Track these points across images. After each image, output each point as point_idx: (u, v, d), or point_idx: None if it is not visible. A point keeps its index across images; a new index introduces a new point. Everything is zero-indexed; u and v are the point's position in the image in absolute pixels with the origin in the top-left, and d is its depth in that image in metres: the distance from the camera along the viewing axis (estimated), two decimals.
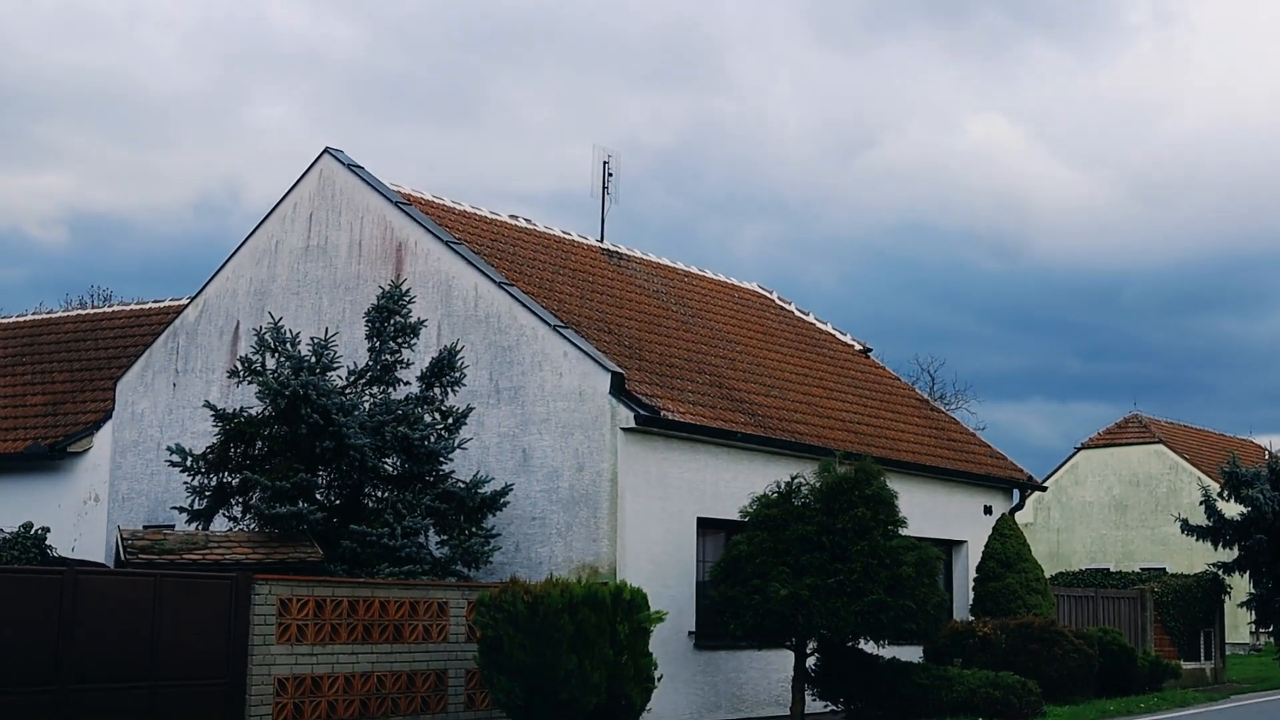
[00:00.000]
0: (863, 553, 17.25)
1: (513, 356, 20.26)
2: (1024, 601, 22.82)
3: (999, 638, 20.94)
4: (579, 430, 19.44)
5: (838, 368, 27.08)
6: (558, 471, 19.54)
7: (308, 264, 22.29)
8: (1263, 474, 32.12)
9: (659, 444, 19.67)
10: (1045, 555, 54.25)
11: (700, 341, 23.86)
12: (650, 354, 21.73)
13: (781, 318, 28.38)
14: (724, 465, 20.56)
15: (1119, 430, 54.78)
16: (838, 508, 17.67)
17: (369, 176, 22.12)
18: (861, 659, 18.88)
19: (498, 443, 20.16)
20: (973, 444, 27.42)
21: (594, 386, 19.40)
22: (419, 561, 16.96)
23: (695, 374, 22.03)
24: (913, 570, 17.33)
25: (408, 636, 16.20)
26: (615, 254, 26.13)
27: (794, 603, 17.06)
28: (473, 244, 21.94)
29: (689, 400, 20.64)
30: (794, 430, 22.00)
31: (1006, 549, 23.37)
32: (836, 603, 17.03)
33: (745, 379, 23.23)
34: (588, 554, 19.12)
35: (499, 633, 14.60)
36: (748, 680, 20.52)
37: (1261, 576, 32.34)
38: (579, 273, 23.81)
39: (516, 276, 21.48)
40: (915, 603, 17.25)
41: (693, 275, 27.66)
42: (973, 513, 25.73)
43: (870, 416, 25.25)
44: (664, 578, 19.42)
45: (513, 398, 20.14)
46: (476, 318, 20.66)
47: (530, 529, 19.66)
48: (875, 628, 17.19)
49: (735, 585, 17.77)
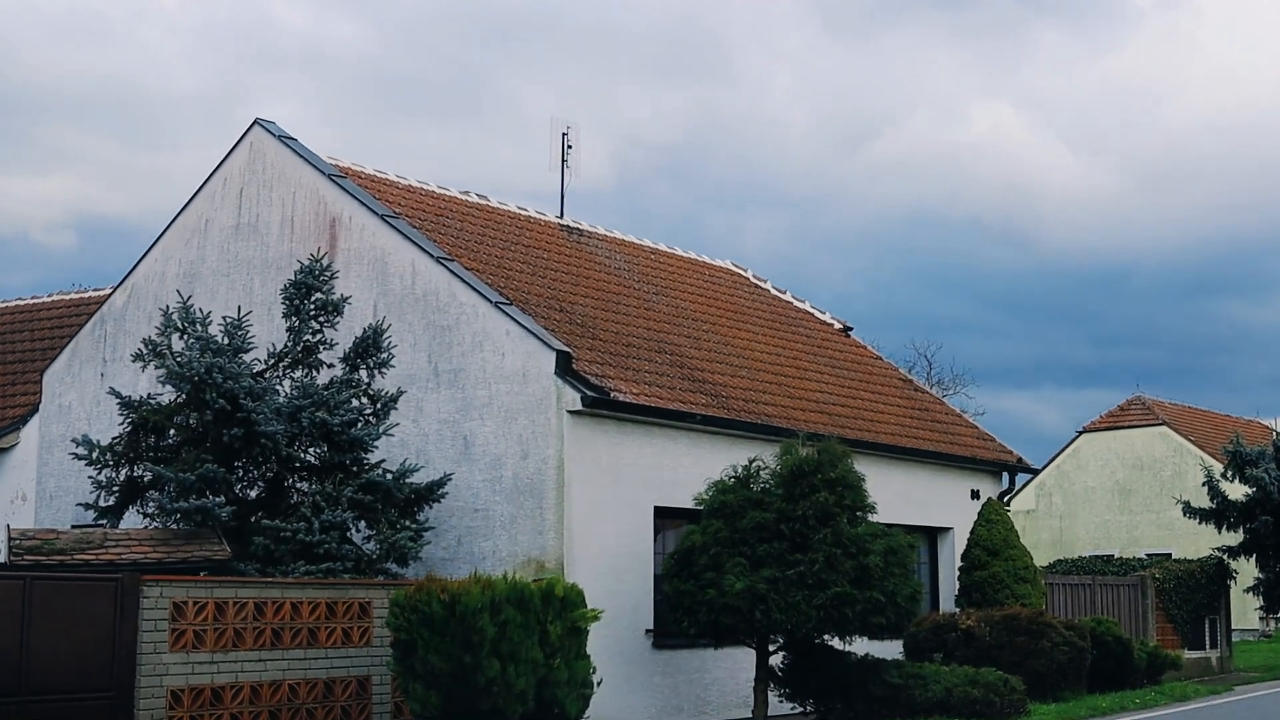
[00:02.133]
0: (825, 541, 15.79)
1: (452, 337, 18.81)
2: (1012, 591, 21.35)
3: (983, 630, 19.47)
4: (523, 414, 18.00)
5: (814, 347, 25.61)
6: (501, 459, 18.10)
7: (238, 243, 20.84)
8: (1268, 453, 30.61)
9: (610, 428, 18.22)
10: (1048, 543, 52.85)
11: (663, 320, 22.40)
12: (605, 332, 20.28)
13: (755, 296, 26.90)
14: (684, 450, 19.10)
15: (1122, 413, 53.24)
16: (799, 493, 16.22)
17: (301, 149, 20.68)
18: (832, 657, 17.43)
19: (437, 429, 18.72)
20: (959, 425, 25.93)
21: (538, 367, 17.95)
22: (340, 559, 15.53)
23: (654, 353, 20.57)
24: (881, 559, 15.86)
25: (324, 641, 14.77)
26: (575, 230, 24.66)
27: (750, 597, 15.60)
28: (414, 219, 20.49)
29: (645, 381, 19.18)
30: (761, 412, 20.54)
31: (993, 535, 21.89)
32: (797, 596, 15.57)
33: (710, 359, 21.77)
34: (533, 548, 17.68)
35: (413, 636, 13.16)
36: (713, 681, 19.07)
37: (1268, 559, 30.83)
38: (533, 249, 22.36)
39: (460, 252, 20.04)
40: (884, 595, 15.79)
41: (660, 253, 26.19)
42: (959, 497, 24.25)
43: (847, 397, 23.77)
44: (618, 572, 17.99)
45: (453, 381, 18.69)
46: (414, 296, 19.22)
47: (473, 522, 18.23)
48: (840, 623, 15.72)
49: (688, 579, 16.33)
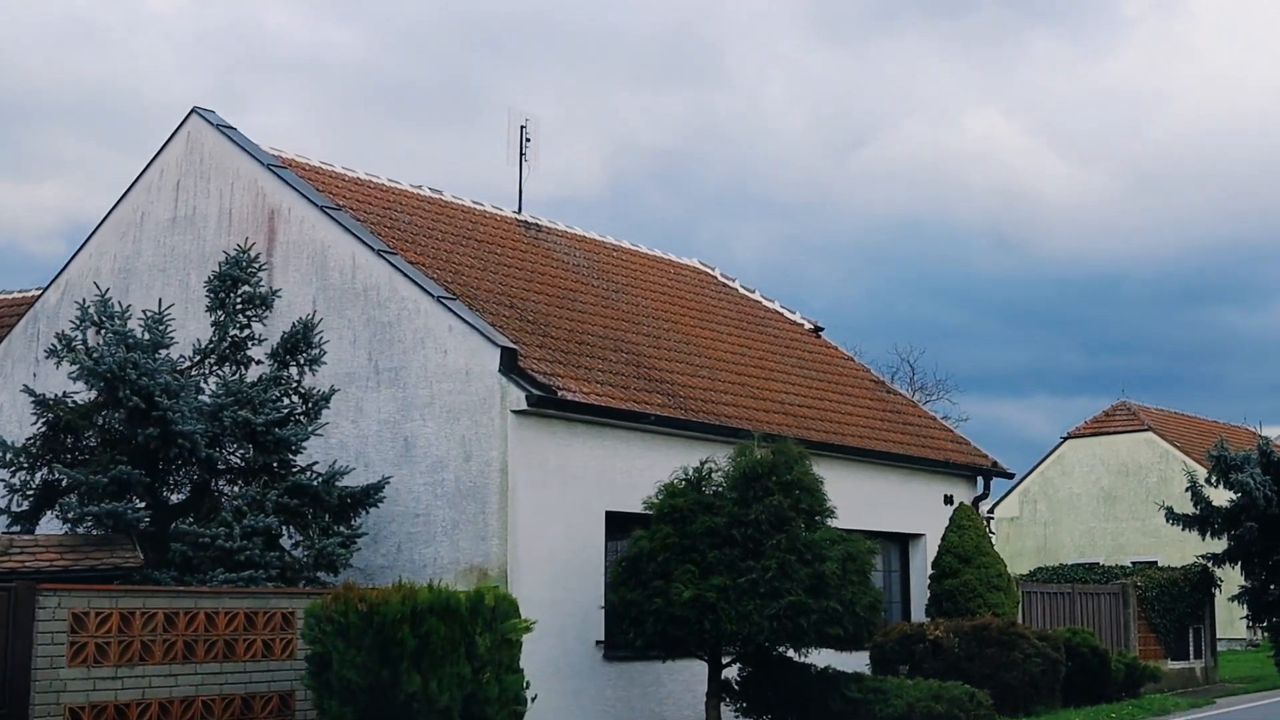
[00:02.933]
0: (779, 547, 14.90)
1: (393, 333, 17.92)
2: (984, 600, 20.48)
3: (951, 641, 18.57)
4: (466, 414, 17.11)
5: (782, 347, 24.74)
6: (442, 462, 17.20)
7: (175, 237, 19.93)
8: (1253, 457, 29.73)
9: (559, 428, 17.33)
10: (1033, 550, 52.01)
11: (621, 318, 21.52)
12: (558, 330, 19.39)
13: (722, 295, 26.03)
14: (637, 452, 18.21)
15: (1107, 418, 52.43)
16: (752, 496, 15.34)
17: (240, 138, 19.78)
18: (791, 669, 16.53)
19: (377, 431, 17.82)
20: (933, 428, 25.07)
21: (482, 364, 17.06)
22: (264, 566, 14.61)
23: (610, 352, 19.69)
24: (838, 566, 14.98)
25: (243, 653, 13.82)
26: (533, 225, 23.78)
27: (699, 606, 14.71)
28: (359, 212, 19.60)
29: (598, 380, 18.29)
30: (720, 413, 19.66)
31: (965, 542, 21.01)
32: (748, 605, 14.67)
33: (669, 358, 20.88)
34: (476, 554, 16.78)
35: (327, 648, 12.24)
36: (668, 695, 18.16)
37: (1254, 567, 29.94)
38: (485, 244, 21.47)
39: (405, 246, 19.15)
40: (841, 604, 14.90)
41: (623, 250, 25.31)
42: (932, 503, 23.38)
43: (815, 399, 22.90)
44: (565, 580, 17.09)
45: (394, 379, 17.80)
46: (354, 291, 18.32)
47: (413, 527, 17.33)
48: (794, 633, 14.83)
49: (635, 587, 15.44)
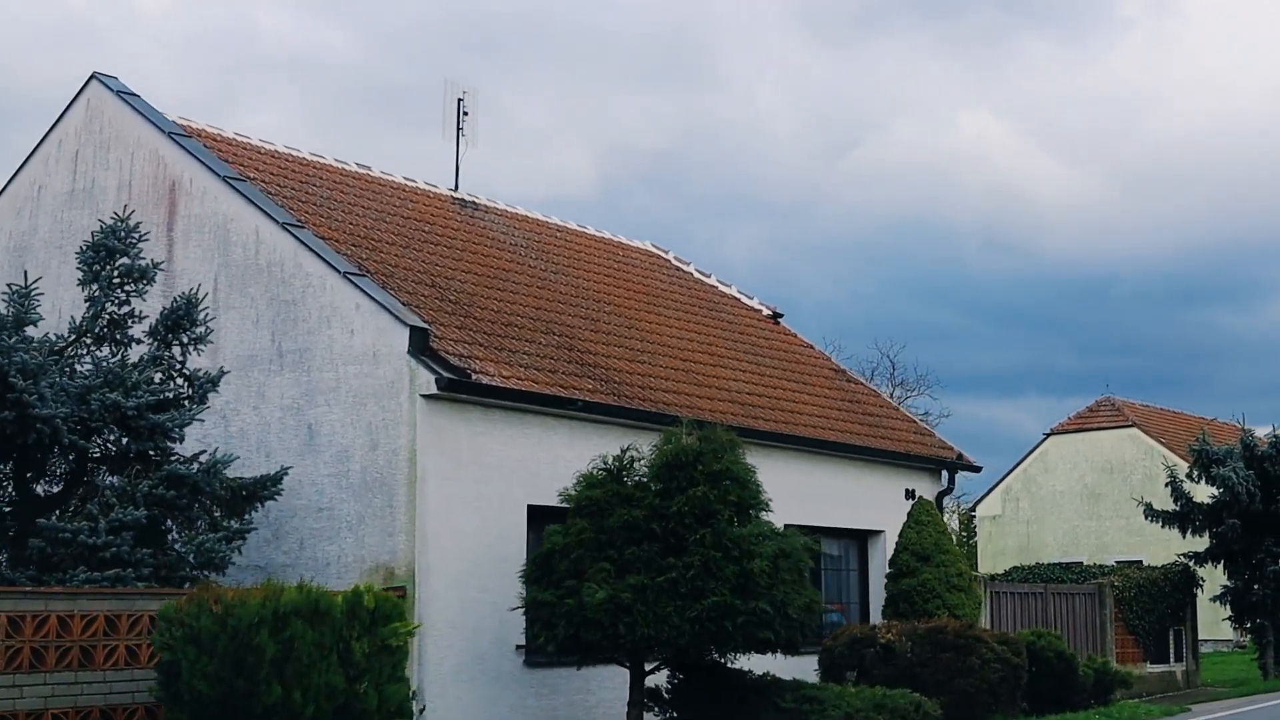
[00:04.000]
0: (703, 543, 13.53)
1: (297, 312, 16.55)
2: (943, 600, 19.12)
3: (903, 645, 17.21)
4: (373, 399, 15.75)
5: (735, 333, 23.39)
6: (348, 451, 15.84)
7: (72, 211, 18.54)
8: (1235, 451, 28.43)
9: (474, 415, 15.96)
10: (1015, 549, 50.64)
11: (557, 299, 20.15)
12: (484, 311, 18.03)
13: (674, 279, 24.68)
14: (565, 441, 16.84)
15: (1090, 414, 51.11)
16: (675, 487, 13.97)
17: (142, 105, 18.41)
18: (724, 677, 15.16)
19: (280, 417, 16.46)
20: (894, 419, 23.73)
21: (390, 345, 15.70)
22: (132, 564, 13.22)
23: (540, 334, 18.33)
24: (769, 564, 13.61)
25: (102, 661, 12.44)
26: (469, 204, 22.41)
27: (613, 608, 13.33)
28: (271, 184, 18.23)
29: (522, 364, 16.93)
30: (659, 400, 18.30)
31: (923, 539, 19.65)
32: (667, 607, 13.30)
33: (608, 342, 19.52)
34: (382, 551, 15.43)
35: (177, 656, 10.86)
36: (597, 703, 16.79)
37: (1237, 566, 28.65)
38: (413, 221, 20.10)
39: (319, 221, 17.78)
40: (772, 605, 13.53)
41: (567, 230, 23.95)
42: (892, 497, 22.02)
43: (766, 386, 21.54)
44: (482, 579, 15.71)
45: (297, 362, 16.43)
46: (257, 267, 16.96)
47: (317, 522, 15.97)
48: (719, 637, 13.46)
49: (548, 587, 14.06)
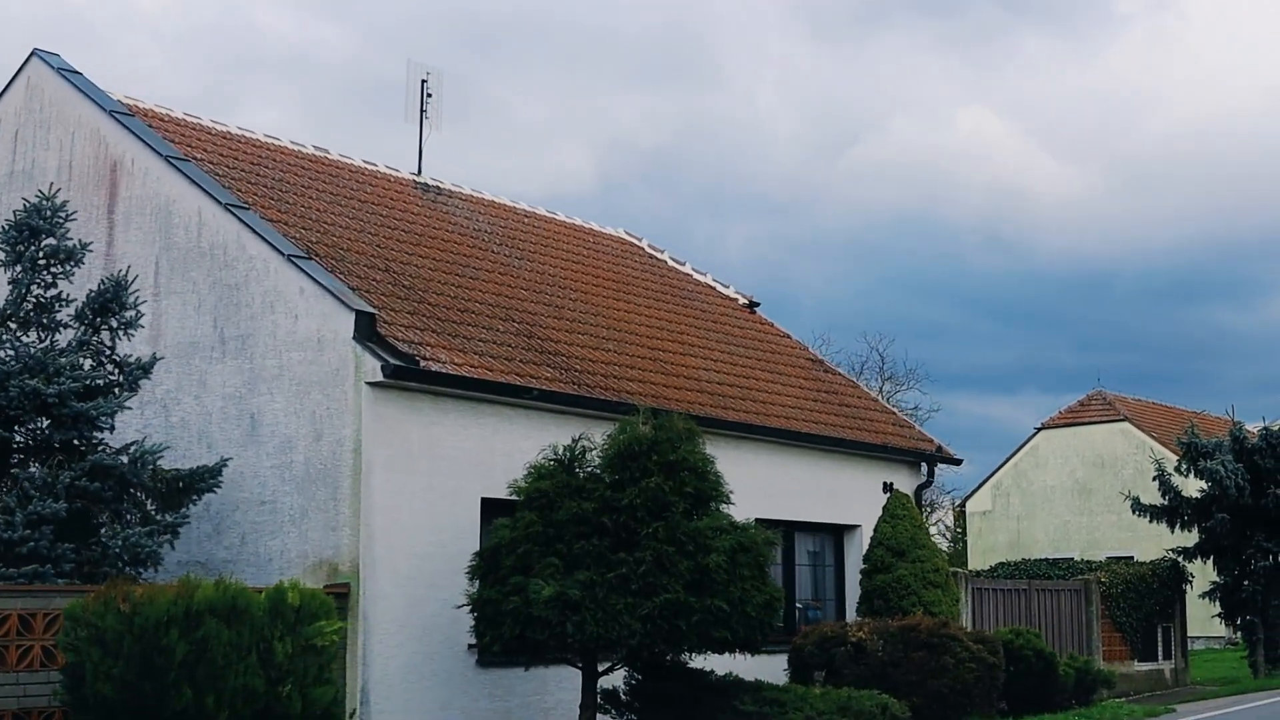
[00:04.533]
0: (655, 537, 12.83)
1: (240, 297, 15.85)
2: (919, 597, 18.42)
3: (875, 644, 16.53)
4: (317, 387, 15.05)
5: (709, 322, 22.69)
6: (291, 441, 15.15)
7: (11, 193, 17.76)
8: (1225, 443, 27.75)
9: (425, 405, 15.26)
10: (1005, 545, 49.95)
11: (520, 286, 19.45)
12: (440, 296, 17.32)
13: (646, 266, 23.97)
14: (522, 432, 16.13)
15: (1081, 408, 50.42)
16: (628, 479, 13.27)
17: (84, 83, 17.68)
18: (684, 677, 14.48)
19: (222, 406, 15.76)
20: (872, 410, 23.03)
21: (335, 330, 15.00)
22: (51, 560, 12.53)
23: (499, 321, 17.63)
24: (725, 559, 12.91)
25: (15, 662, 11.74)
26: (431, 188, 21.70)
27: (561, 606, 12.63)
28: (219, 166, 17.51)
29: (477, 351, 16.23)
30: (622, 389, 17.59)
31: (899, 533, 18.96)
32: (618, 604, 12.60)
33: (571, 329, 18.82)
34: (325, 547, 14.73)
35: (82, 658, 10.15)
36: (555, 704, 16.09)
37: (1226, 562, 27.98)
38: (369, 204, 19.38)
39: (268, 203, 17.08)
40: (728, 603, 12.83)
41: (535, 216, 23.24)
42: (869, 491, 21.32)
43: (738, 376, 20.84)
44: (431, 575, 15.00)
45: (240, 349, 15.72)
46: (199, 250, 16.25)
47: (259, 516, 15.27)
48: (672, 637, 12.75)
49: (494, 584, 13.36)
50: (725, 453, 18.83)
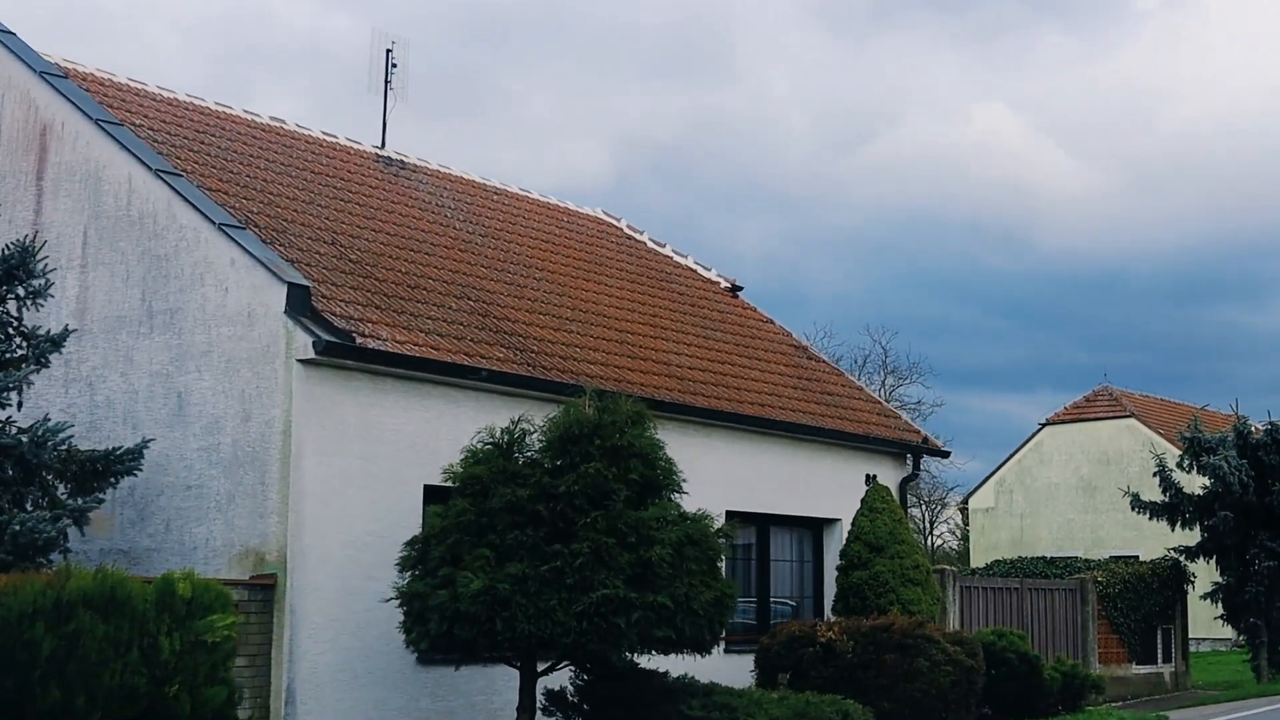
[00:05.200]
0: (594, 527, 11.83)
1: (170, 268, 14.89)
2: (897, 595, 17.42)
3: (844, 644, 15.52)
4: (246, 365, 14.09)
5: (687, 305, 21.68)
6: (219, 422, 14.19)
7: None
8: (1228, 438, 26.66)
9: (362, 384, 14.29)
10: (1008, 543, 48.78)
11: (480, 264, 18.47)
12: (390, 272, 16.35)
13: (624, 247, 22.97)
14: (470, 415, 15.12)
15: (1087, 404, 49.31)
16: (568, 464, 12.28)
17: (15, 43, 16.72)
18: (635, 678, 13.50)
19: (149, 385, 14.81)
20: (856, 400, 22.00)
21: (266, 304, 14.03)
22: None
23: (452, 299, 16.66)
24: (670, 552, 11.91)
25: None
26: (395, 162, 20.72)
27: (490, 601, 11.64)
28: (160, 133, 16.57)
29: (424, 329, 15.26)
30: (582, 371, 16.60)
31: (877, 528, 17.95)
32: (551, 600, 11.61)
33: (532, 309, 17.84)
34: (253, 535, 13.77)
35: None
36: (504, 705, 15.06)
37: (1229, 561, 26.89)
38: (323, 176, 18.42)
39: (208, 171, 16.13)
40: (673, 599, 11.83)
41: (506, 193, 22.24)
42: (851, 483, 20.29)
43: (713, 361, 19.84)
44: (368, 567, 14.02)
45: (168, 323, 14.77)
46: (129, 219, 15.30)
47: (185, 502, 14.31)
48: (610, 635, 11.74)
49: (424, 576, 12.38)
50: (693, 440, 17.95)
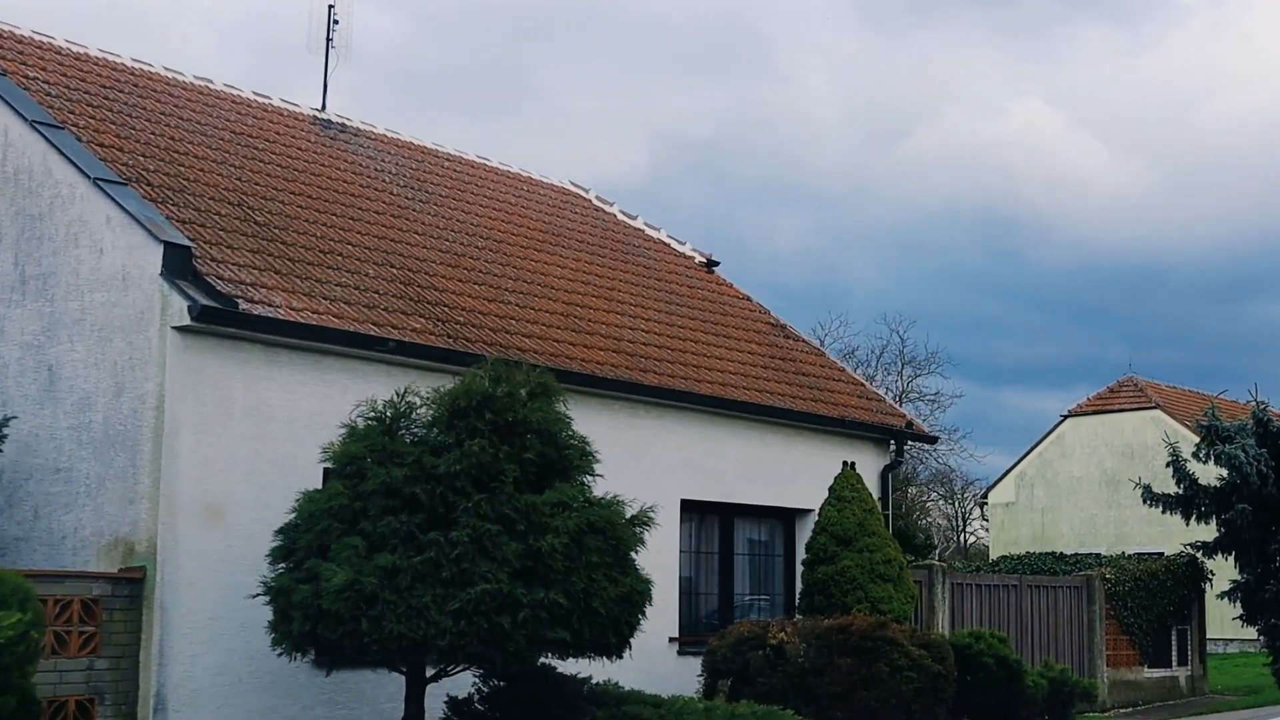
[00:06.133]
0: (476, 513, 10.31)
1: (44, 229, 13.49)
2: (866, 592, 15.80)
3: (797, 647, 13.94)
4: (119, 334, 12.67)
5: (651, 280, 20.13)
6: (90, 398, 12.77)
7: None
8: (1247, 425, 24.86)
9: (253, 355, 12.83)
10: (1029, 539, 46.85)
11: (414, 231, 16.99)
12: (299, 237, 14.89)
13: (586, 218, 21.43)
14: (381, 391, 13.32)
15: (1111, 395, 47.36)
16: (455, 441, 10.76)
17: None
18: (543, 684, 11.99)
19: (19, 357, 13.43)
20: (836, 380, 20.39)
21: (141, 267, 12.61)
22: None
23: (372, 266, 15.19)
24: (567, 542, 10.37)
25: None
26: (334, 125, 19.27)
27: (355, 597, 10.14)
28: (58, 87, 15.16)
29: (329, 296, 13.79)
30: (513, 345, 15.09)
31: (845, 518, 16.33)
32: (424, 596, 10.09)
33: (467, 279, 16.35)
34: (123, 523, 12.35)
35: None
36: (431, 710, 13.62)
37: (1248, 558, 25.07)
38: (245, 137, 16.98)
39: (105, 128, 14.71)
40: (568, 595, 10.29)
41: (462, 160, 20.74)
42: (826, 471, 18.50)
43: (675, 338, 18.29)
44: (256, 560, 12.45)
45: (41, 289, 13.37)
46: (3, 175, 13.92)
47: (54, 486, 12.92)
48: (492, 637, 10.21)
49: (293, 569, 10.90)
50: (644, 422, 16.46)
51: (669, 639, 16.48)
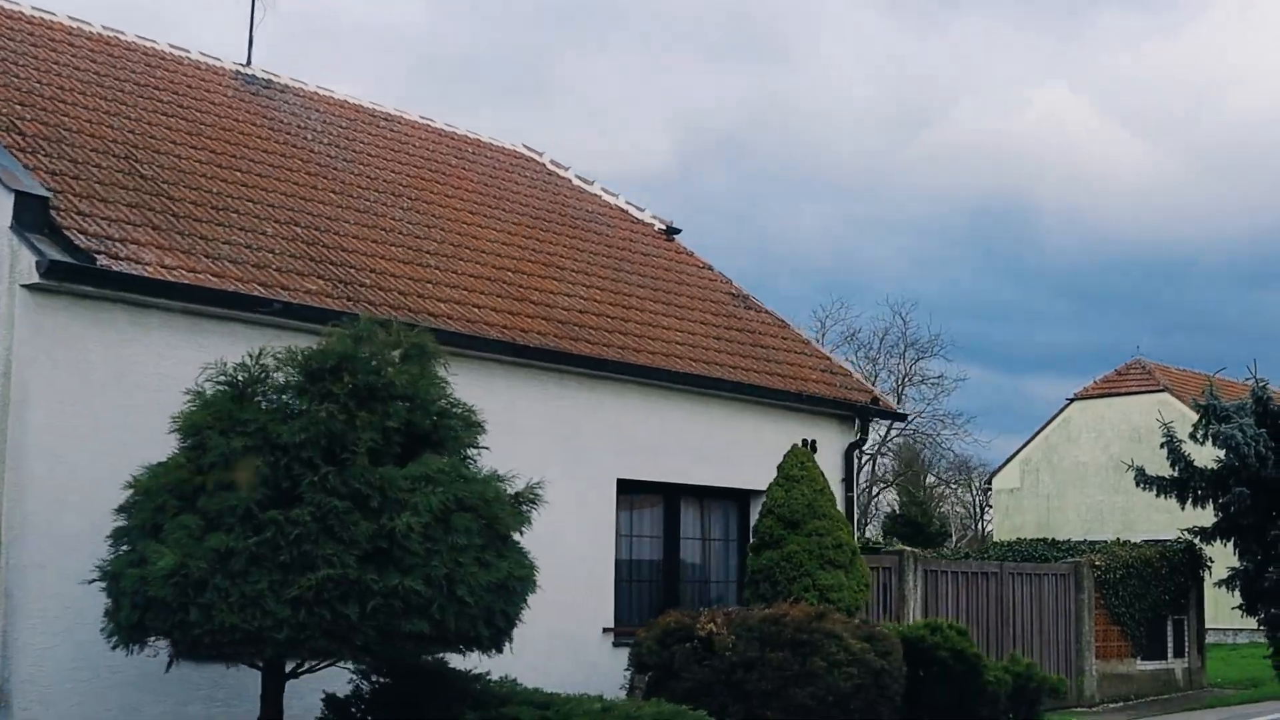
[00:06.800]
0: (322, 487, 9.07)
1: None
2: (814, 580, 14.54)
3: (725, 640, 12.68)
4: None
5: (602, 246, 18.87)
6: None
7: None
8: (1246, 405, 23.48)
9: (118, 318, 11.64)
10: (1034, 525, 45.38)
11: (329, 190, 15.77)
12: (189, 191, 13.69)
13: (537, 183, 20.15)
14: None
15: (1119, 378, 45.90)
16: (307, 408, 9.53)
17: None
18: (428, 680, 10.77)
19: None
20: (799, 354, 19.09)
21: None
22: None
23: (271, 224, 13.98)
24: (427, 521, 9.12)
25: None
26: (258, 80, 18.04)
27: (182, 583, 8.92)
28: None
29: (209, 254, 12.58)
30: (422, 308, 13.86)
31: (793, 499, 15.07)
32: (260, 583, 8.86)
33: (383, 239, 15.12)
34: None
35: None
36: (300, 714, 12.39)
37: (1248, 544, 23.71)
38: (148, 89, 15.77)
39: None
40: (429, 581, 9.04)
41: (401, 120, 19.49)
42: (783, 449, 17.38)
43: (618, 306, 17.03)
44: None
45: None
46: None
47: None
48: (337, 630, 8.97)
49: (128, 550, 9.68)
50: (573, 395, 15.22)
51: (603, 629, 15.28)
